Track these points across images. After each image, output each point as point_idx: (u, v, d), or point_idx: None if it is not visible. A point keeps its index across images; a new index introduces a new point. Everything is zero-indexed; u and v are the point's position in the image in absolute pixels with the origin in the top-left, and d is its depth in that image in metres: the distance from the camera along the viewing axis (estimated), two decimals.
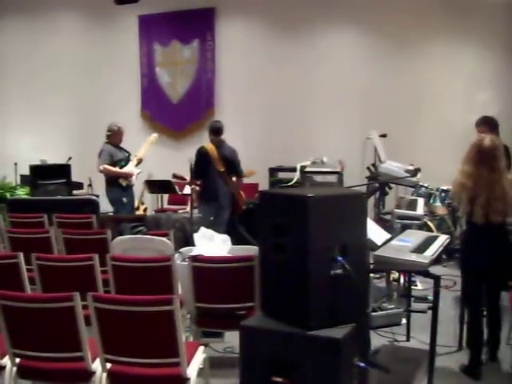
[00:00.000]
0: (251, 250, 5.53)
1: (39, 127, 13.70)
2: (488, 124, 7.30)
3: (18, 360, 4.05)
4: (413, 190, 9.39)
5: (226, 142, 8.96)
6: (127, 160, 9.80)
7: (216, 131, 8.92)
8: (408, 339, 6.10)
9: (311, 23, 12.02)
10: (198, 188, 9.04)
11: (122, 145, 9.91)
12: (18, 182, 12.32)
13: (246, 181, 9.93)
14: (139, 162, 9.87)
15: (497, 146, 5.12)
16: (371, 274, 6.14)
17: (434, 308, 4.75)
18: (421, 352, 5.64)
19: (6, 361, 4.08)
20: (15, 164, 12.29)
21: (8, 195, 11.36)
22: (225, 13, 12.84)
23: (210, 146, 8.84)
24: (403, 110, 11.32)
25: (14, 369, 4.06)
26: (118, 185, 9.60)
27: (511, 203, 5.09)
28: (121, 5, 11.80)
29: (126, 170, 9.68)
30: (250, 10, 12.56)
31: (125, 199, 9.68)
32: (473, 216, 5.11)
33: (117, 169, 9.58)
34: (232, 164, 8.87)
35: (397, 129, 10.48)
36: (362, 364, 3.74)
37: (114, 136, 9.79)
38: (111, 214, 9.77)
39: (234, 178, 9.02)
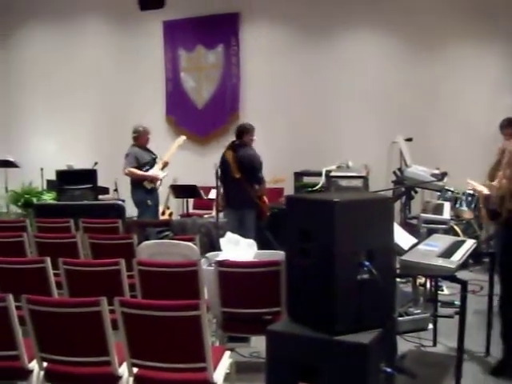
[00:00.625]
0: (277, 254, 5.54)
1: (65, 132, 13.79)
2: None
3: (45, 364, 4.08)
4: (439, 194, 9.35)
5: (246, 146, 8.72)
6: (153, 162, 9.82)
7: (236, 134, 8.82)
8: (434, 344, 6.06)
9: (334, 27, 12.02)
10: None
11: (148, 146, 9.95)
12: (45, 187, 12.39)
13: (270, 185, 9.93)
14: (165, 165, 9.90)
15: None
16: (397, 279, 6.13)
17: (461, 313, 4.72)
18: (447, 357, 5.61)
19: (34, 365, 4.12)
20: (41, 169, 12.35)
21: (35, 200, 11.45)
22: (249, 18, 12.85)
23: (228, 151, 8.75)
24: (428, 113, 11.27)
25: (42, 373, 4.10)
26: (142, 187, 9.62)
27: None
28: (146, 10, 11.88)
29: (151, 173, 9.70)
30: (274, 14, 12.57)
31: (149, 201, 9.68)
32: None
33: (142, 172, 9.62)
34: (248, 170, 8.61)
35: (422, 133, 10.44)
36: (389, 369, 3.72)
37: (140, 138, 9.83)
38: (136, 218, 9.80)
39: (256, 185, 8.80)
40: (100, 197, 10.78)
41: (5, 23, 14.15)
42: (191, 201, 12.34)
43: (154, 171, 9.74)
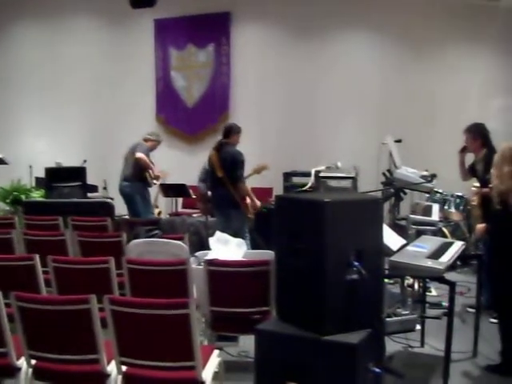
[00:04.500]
0: (266, 254, 5.54)
1: (54, 130, 13.74)
2: (472, 132, 7.33)
3: (33, 361, 4.07)
4: (428, 195, 9.38)
5: (229, 145, 8.55)
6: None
7: (223, 132, 8.70)
8: (422, 345, 6.09)
9: (326, 28, 12.05)
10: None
11: None
12: (33, 184, 12.35)
13: (260, 185, 9.93)
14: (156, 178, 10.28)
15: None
16: (386, 280, 6.14)
17: (449, 314, 4.74)
18: (435, 358, 5.63)
19: (22, 362, 4.10)
20: (30, 167, 12.33)
21: (23, 197, 11.42)
22: (240, 17, 12.87)
23: (213, 150, 8.63)
24: (418, 115, 11.32)
25: (30, 370, 4.08)
26: (144, 180, 9.92)
27: None
28: (137, 9, 11.85)
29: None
30: (265, 14, 12.59)
31: (147, 195, 10.09)
32: None
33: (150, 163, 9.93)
34: (229, 167, 8.40)
35: (412, 134, 10.45)
36: (377, 369, 3.73)
37: (153, 143, 10.19)
38: (127, 216, 9.82)
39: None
40: (89, 195, 10.76)
41: None
42: (180, 200, 12.34)
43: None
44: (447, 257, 4.99)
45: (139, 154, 9.73)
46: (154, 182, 10.18)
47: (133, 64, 13.43)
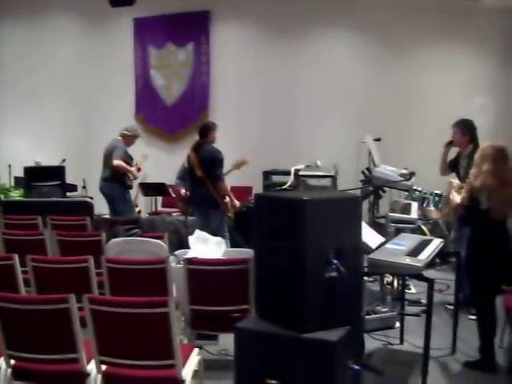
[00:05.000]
0: (246, 252, 5.55)
1: (33, 129, 13.67)
2: (461, 127, 7.36)
3: (12, 361, 4.05)
4: (407, 193, 9.43)
5: (207, 144, 8.51)
6: (131, 165, 9.93)
7: (199, 133, 8.63)
8: (401, 342, 6.11)
9: (305, 26, 12.07)
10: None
11: None
12: (12, 183, 12.29)
13: (239, 183, 9.93)
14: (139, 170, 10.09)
15: (506, 147, 5.46)
16: (365, 278, 6.17)
17: (428, 311, 4.77)
18: (414, 355, 5.67)
19: (1, 362, 4.09)
20: (9, 166, 12.25)
21: (2, 197, 11.35)
22: (219, 16, 12.87)
23: (192, 151, 8.58)
24: (398, 114, 11.38)
25: (9, 370, 4.07)
26: (123, 182, 9.73)
27: None
28: (116, 7, 11.81)
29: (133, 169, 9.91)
30: (244, 13, 12.60)
31: (127, 197, 9.91)
32: (492, 212, 5.33)
33: (129, 167, 9.75)
34: (208, 166, 8.38)
35: (391, 133, 10.49)
36: (356, 367, 3.74)
37: (130, 138, 9.99)
38: (106, 216, 9.79)
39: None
40: (68, 194, 10.74)
41: None
42: (160, 199, 12.33)
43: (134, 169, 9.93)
44: (426, 254, 5.02)
45: (115, 162, 9.55)
46: (135, 181, 10.09)
47: (112, 63, 13.39)
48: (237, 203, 8.72)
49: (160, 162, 11.91)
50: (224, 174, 8.54)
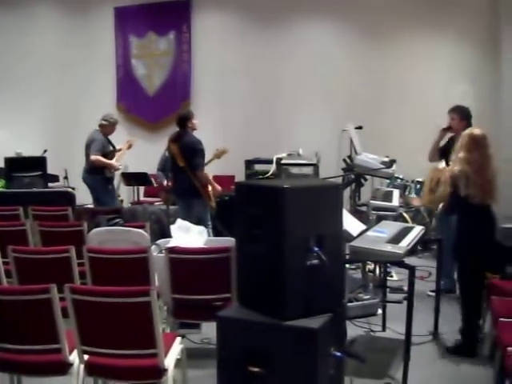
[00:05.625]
0: (228, 241, 5.56)
1: (14, 120, 13.55)
2: (459, 113, 7.38)
3: None
4: (388, 181, 9.46)
5: (188, 134, 8.46)
6: (113, 154, 9.80)
7: (177, 123, 8.58)
8: (384, 329, 6.16)
9: (288, 14, 12.06)
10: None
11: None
12: None
13: (222, 172, 9.94)
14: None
15: (485, 135, 5.56)
16: (347, 265, 6.19)
17: (410, 298, 4.80)
18: (396, 342, 5.70)
19: None
20: None
21: None
22: (200, 4, 12.86)
23: (172, 141, 8.54)
24: (379, 102, 11.40)
25: None
26: (102, 174, 9.58)
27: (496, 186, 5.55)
28: None
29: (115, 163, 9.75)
30: (225, 1, 12.57)
31: (110, 187, 9.78)
32: (470, 198, 5.43)
33: (107, 160, 9.59)
34: (189, 156, 8.35)
35: (373, 121, 10.52)
36: (338, 354, 3.76)
37: (109, 127, 9.81)
38: (88, 205, 9.76)
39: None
40: (50, 184, 10.67)
41: None
42: (142, 188, 12.31)
43: (114, 162, 9.75)
44: (407, 241, 5.05)
45: (92, 158, 9.44)
46: (118, 168, 9.94)
47: (93, 52, 13.32)
48: (219, 188, 8.68)
49: (142, 152, 11.85)
50: (205, 164, 8.53)
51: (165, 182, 8.94)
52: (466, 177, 5.39)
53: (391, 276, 7.92)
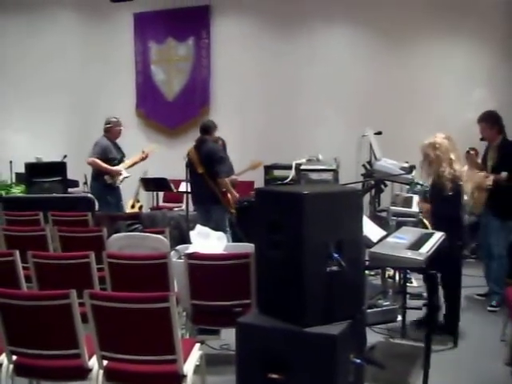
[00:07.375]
0: (247, 247, 5.55)
1: (34, 125, 13.66)
2: (486, 121, 7.29)
3: (14, 357, 4.05)
4: (408, 187, 9.41)
5: (208, 142, 8.54)
6: (120, 161, 9.51)
7: (200, 130, 8.66)
8: (403, 336, 6.12)
9: (306, 20, 12.05)
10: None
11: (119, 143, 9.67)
12: (13, 180, 12.30)
13: (241, 178, 9.92)
14: (131, 165, 9.59)
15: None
16: (367, 271, 6.18)
17: (430, 305, 4.77)
18: (416, 348, 5.66)
19: (3, 358, 4.08)
20: (10, 162, 12.26)
21: (3, 193, 11.35)
22: (220, 10, 12.87)
23: (192, 148, 8.62)
24: (398, 107, 11.35)
25: (11, 366, 4.06)
26: (102, 181, 9.30)
27: None
28: (116, 2, 11.82)
29: (114, 168, 9.35)
30: (244, 6, 12.60)
31: (109, 197, 9.35)
32: None
33: (105, 164, 9.25)
34: (208, 163, 8.43)
35: (392, 126, 10.48)
36: (358, 360, 3.75)
37: (112, 129, 9.49)
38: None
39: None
40: (69, 190, 10.71)
41: None
42: (161, 194, 12.33)
43: (118, 167, 9.38)
44: (427, 247, 5.01)
45: (88, 160, 9.26)
46: (120, 179, 9.35)
47: (112, 58, 13.40)
48: (236, 195, 8.67)
49: (161, 157, 11.89)
50: (239, 174, 8.59)
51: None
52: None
53: (411, 282, 7.88)
